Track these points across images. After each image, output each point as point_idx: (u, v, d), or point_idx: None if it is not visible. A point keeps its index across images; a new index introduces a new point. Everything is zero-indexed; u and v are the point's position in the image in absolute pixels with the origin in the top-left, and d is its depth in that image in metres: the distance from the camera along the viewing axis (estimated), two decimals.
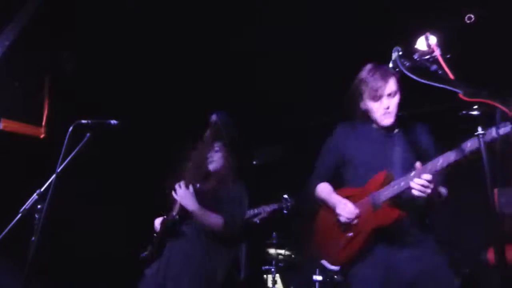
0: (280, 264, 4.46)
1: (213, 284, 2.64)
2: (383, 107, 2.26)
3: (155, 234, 2.81)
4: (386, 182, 2.16)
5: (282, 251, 4.52)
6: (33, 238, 2.08)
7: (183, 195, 2.66)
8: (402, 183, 2.09)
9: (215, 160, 2.85)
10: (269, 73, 4.47)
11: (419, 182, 1.99)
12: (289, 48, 4.12)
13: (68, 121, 2.38)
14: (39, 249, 2.06)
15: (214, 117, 2.87)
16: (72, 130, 2.34)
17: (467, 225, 4.29)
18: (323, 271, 4.17)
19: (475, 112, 1.60)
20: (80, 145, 2.39)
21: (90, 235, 3.90)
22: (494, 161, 1.63)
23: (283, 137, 5.38)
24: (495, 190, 3.33)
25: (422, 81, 1.86)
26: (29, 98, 3.67)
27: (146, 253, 2.82)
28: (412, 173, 2.05)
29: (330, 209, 2.32)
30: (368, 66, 2.34)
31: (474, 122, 1.61)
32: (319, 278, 4.17)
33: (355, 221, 2.21)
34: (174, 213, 2.73)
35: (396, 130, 2.34)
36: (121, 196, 4.30)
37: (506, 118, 1.54)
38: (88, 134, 2.43)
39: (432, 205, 2.16)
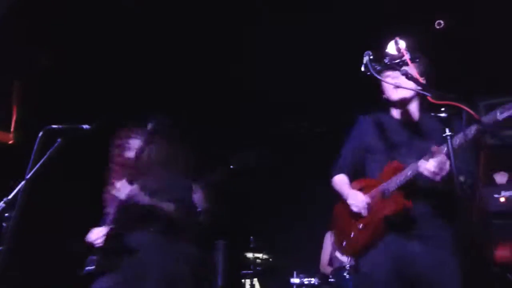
0: (258, 268, 4.46)
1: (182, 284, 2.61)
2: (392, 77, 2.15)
3: (99, 246, 2.59)
4: (397, 171, 2.13)
5: (259, 255, 4.52)
6: (0, 248, 2.01)
7: (128, 192, 2.56)
8: (410, 172, 2.06)
9: (131, 146, 2.79)
10: (247, 78, 4.47)
11: (429, 165, 1.95)
12: (269, 53, 4.13)
13: (38, 126, 2.32)
14: (7, 259, 1.99)
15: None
16: (42, 135, 2.27)
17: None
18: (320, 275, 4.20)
19: (443, 114, 1.64)
20: (50, 150, 2.32)
21: (61, 242, 3.80)
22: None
23: (259, 142, 5.38)
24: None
25: (392, 84, 1.91)
26: None
27: (92, 267, 2.54)
28: (423, 158, 1.99)
29: (345, 201, 2.31)
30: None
31: (443, 123, 1.66)
32: (297, 281, 4.20)
33: (365, 212, 2.20)
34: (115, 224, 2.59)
35: (417, 118, 2.27)
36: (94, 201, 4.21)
37: (472, 120, 1.58)
38: (59, 140, 2.37)
39: (445, 192, 2.02)
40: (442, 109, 1.64)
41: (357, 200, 2.22)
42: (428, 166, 1.95)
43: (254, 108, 4.84)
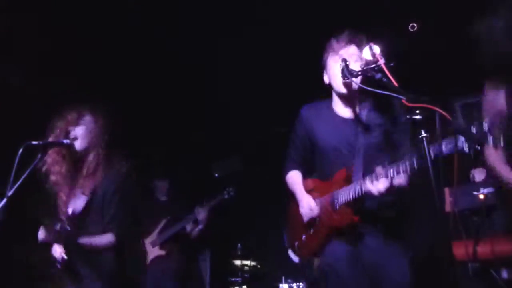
0: (246, 275, 4.47)
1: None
2: (341, 68, 2.11)
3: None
4: (346, 182, 2.19)
5: (247, 262, 4.53)
6: None
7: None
8: (358, 188, 2.10)
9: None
10: (225, 84, 4.49)
11: (374, 188, 2.01)
12: (244, 59, 4.16)
13: (16, 143, 2.30)
14: None
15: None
16: (22, 151, 2.25)
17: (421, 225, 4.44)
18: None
19: (417, 117, 1.69)
20: (32, 166, 2.30)
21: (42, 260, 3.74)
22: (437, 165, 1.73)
23: (240, 148, 5.41)
24: (446, 189, 3.50)
25: (368, 89, 1.96)
26: None
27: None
28: (368, 178, 2.05)
29: (297, 203, 2.39)
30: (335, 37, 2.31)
31: (418, 125, 1.71)
32: (285, 286, 4.22)
33: (316, 219, 2.29)
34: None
35: (363, 109, 2.28)
36: None
37: (445, 121, 1.63)
38: (39, 155, 2.35)
39: (390, 204, 2.18)
40: (417, 111, 1.69)
41: (307, 210, 2.29)
42: (374, 188, 2.01)
43: (230, 115, 4.86)
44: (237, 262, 4.54)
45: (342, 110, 2.33)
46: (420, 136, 1.70)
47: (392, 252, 2.17)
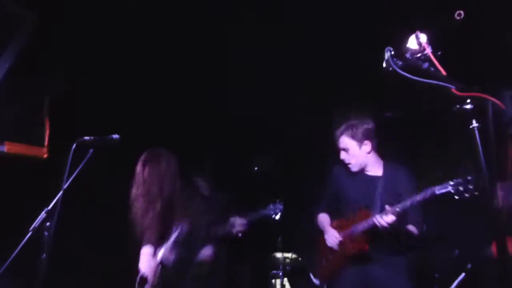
0: (287, 267, 4.48)
1: None
2: (342, 159, 2.89)
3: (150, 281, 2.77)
4: (365, 217, 2.70)
5: (288, 255, 4.55)
6: (44, 255, 2.11)
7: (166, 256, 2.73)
8: (371, 222, 2.62)
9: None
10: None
11: (382, 221, 2.52)
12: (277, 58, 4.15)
13: (68, 140, 2.41)
14: (50, 266, 2.09)
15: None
16: (75, 147, 2.37)
17: (469, 221, 4.32)
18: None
19: (468, 106, 1.64)
20: (84, 161, 2.41)
21: (99, 250, 3.92)
22: (489, 156, 1.68)
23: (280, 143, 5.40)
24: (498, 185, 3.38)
25: (415, 78, 1.92)
26: (30, 120, 3.70)
27: None
28: (379, 214, 2.57)
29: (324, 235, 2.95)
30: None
31: (468, 116, 1.65)
32: None
33: (337, 247, 2.82)
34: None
35: (380, 174, 2.86)
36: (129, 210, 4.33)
37: (499, 111, 1.58)
38: (91, 150, 2.46)
39: (400, 239, 2.70)
40: (468, 101, 1.64)
41: (331, 237, 2.85)
42: (381, 221, 2.54)
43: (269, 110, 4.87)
44: (278, 255, 4.56)
45: (364, 175, 2.90)
46: (471, 127, 1.65)
47: (394, 275, 2.67)
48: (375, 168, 2.89)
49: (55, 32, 3.66)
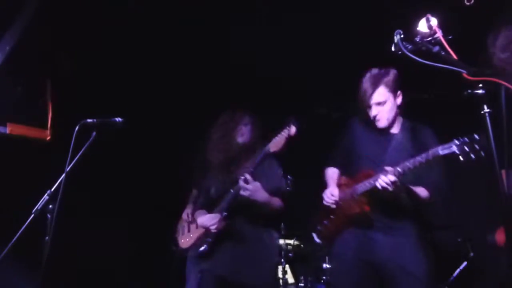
0: (289, 254, 4.48)
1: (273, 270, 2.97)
2: (372, 115, 2.59)
3: (214, 230, 2.79)
4: (366, 178, 2.51)
5: (290, 242, 4.54)
6: (46, 238, 2.11)
7: (254, 189, 2.68)
8: (372, 181, 2.45)
9: (244, 132, 2.93)
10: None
11: (381, 181, 2.34)
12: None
13: (71, 122, 2.40)
14: (53, 248, 2.08)
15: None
16: (78, 129, 2.35)
17: (471, 209, 4.31)
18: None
19: (480, 91, 1.60)
20: (87, 144, 2.40)
21: (103, 232, 3.94)
22: (501, 142, 1.65)
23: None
24: (503, 171, 3.35)
25: (425, 62, 1.87)
26: (33, 101, 3.68)
27: (205, 248, 2.83)
28: (381, 173, 2.38)
29: None
30: (366, 73, 2.64)
31: (479, 101, 1.62)
32: (329, 267, 4.20)
33: (334, 206, 2.63)
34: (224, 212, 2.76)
35: (396, 132, 2.64)
36: (131, 192, 4.34)
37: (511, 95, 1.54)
38: (94, 133, 2.44)
39: (401, 202, 2.49)
40: (480, 85, 1.60)
41: (328, 195, 2.65)
42: (380, 182, 2.36)
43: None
44: (281, 242, 4.55)
45: (380, 130, 2.65)
46: (482, 112, 1.62)
47: (402, 247, 2.43)
48: (395, 125, 2.67)
49: (57, 13, 3.62)
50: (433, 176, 2.47)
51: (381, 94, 2.56)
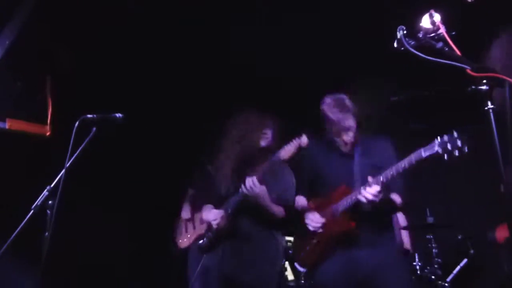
0: (289, 251, 4.47)
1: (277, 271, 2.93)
2: (343, 139, 2.62)
3: (215, 226, 2.80)
4: (344, 195, 2.52)
5: (290, 238, 4.53)
6: (46, 233, 2.10)
7: (258, 192, 2.68)
8: (354, 197, 2.45)
9: (268, 136, 2.91)
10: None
11: (366, 194, 2.34)
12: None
13: (71, 118, 2.38)
14: (52, 244, 2.07)
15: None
16: (78, 125, 2.34)
17: (471, 206, 4.31)
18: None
19: (483, 87, 1.58)
20: (87, 139, 2.39)
21: (102, 228, 3.93)
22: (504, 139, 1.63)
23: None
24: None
25: (429, 58, 1.86)
26: (33, 97, 3.67)
27: (205, 243, 2.85)
28: (362, 187, 2.38)
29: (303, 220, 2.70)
30: (327, 100, 2.68)
31: (483, 97, 1.60)
32: None
33: (320, 230, 2.59)
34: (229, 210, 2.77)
35: (358, 146, 2.66)
36: (131, 188, 4.33)
37: None
38: (94, 129, 2.43)
39: (383, 212, 2.53)
40: (483, 81, 1.58)
41: (313, 220, 2.60)
42: (366, 194, 2.35)
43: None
44: None
45: (342, 144, 2.67)
46: (486, 108, 1.60)
47: (390, 263, 2.46)
48: (350, 143, 2.70)
49: (57, 8, 3.60)
50: (400, 182, 2.55)
51: (351, 120, 2.62)
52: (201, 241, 2.85)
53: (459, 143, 2.06)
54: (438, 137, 2.15)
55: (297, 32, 4.09)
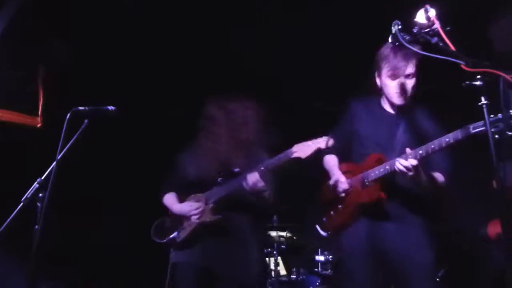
0: (282, 246, 4.48)
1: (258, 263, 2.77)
2: (400, 86, 2.36)
3: (195, 219, 2.63)
4: (378, 163, 2.34)
5: (283, 234, 4.54)
6: (36, 227, 2.08)
7: (260, 189, 2.54)
8: (388, 167, 2.27)
9: (249, 128, 2.73)
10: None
11: (401, 165, 2.16)
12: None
13: (63, 109, 2.35)
14: (43, 237, 2.05)
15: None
16: (69, 117, 2.31)
17: (464, 202, 4.34)
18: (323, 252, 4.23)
19: (478, 82, 1.59)
20: (79, 132, 2.36)
21: (93, 221, 3.92)
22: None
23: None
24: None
25: (423, 53, 1.86)
26: (24, 88, 3.63)
27: (177, 236, 2.67)
28: (399, 158, 2.20)
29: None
30: (390, 46, 2.36)
31: (478, 92, 1.60)
32: (321, 258, 4.21)
33: (343, 195, 2.43)
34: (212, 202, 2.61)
35: (403, 114, 2.44)
36: (122, 180, 4.30)
37: (510, 86, 1.53)
38: (86, 121, 2.40)
39: (418, 188, 2.31)
40: (478, 77, 1.59)
41: (338, 182, 2.43)
42: (400, 167, 2.17)
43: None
44: (273, 234, 4.55)
45: (390, 109, 2.48)
46: (480, 104, 1.61)
47: (413, 238, 2.30)
48: (406, 108, 2.47)
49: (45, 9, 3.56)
50: (446, 161, 2.36)
51: (414, 66, 2.36)
52: (172, 235, 2.66)
53: None
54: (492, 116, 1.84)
55: (291, 29, 4.08)
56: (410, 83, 2.37)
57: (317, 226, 2.58)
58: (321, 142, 2.38)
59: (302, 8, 3.89)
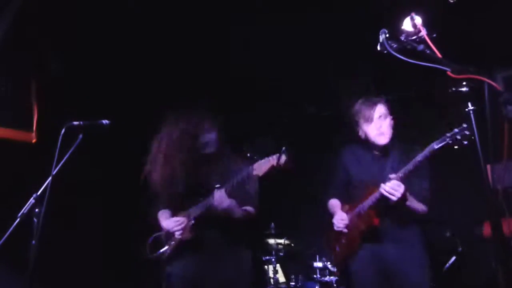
0: (280, 253, 4.49)
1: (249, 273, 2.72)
2: (377, 128, 2.69)
3: (178, 236, 2.63)
4: (371, 194, 2.63)
5: (281, 241, 4.55)
6: (33, 242, 2.08)
7: (228, 207, 2.50)
8: (377, 194, 2.56)
9: (210, 144, 2.67)
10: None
11: (387, 188, 2.46)
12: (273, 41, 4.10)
13: (57, 124, 2.37)
14: (39, 252, 2.06)
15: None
16: (64, 132, 2.33)
17: (458, 203, 4.36)
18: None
19: (464, 89, 1.62)
20: (74, 146, 2.38)
21: (89, 235, 3.90)
22: (486, 138, 1.66)
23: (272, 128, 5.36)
24: (488, 166, 3.39)
25: (410, 61, 1.89)
26: (18, 103, 3.63)
27: (166, 251, 2.67)
28: (382, 184, 2.50)
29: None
30: (359, 100, 2.81)
31: (464, 98, 1.64)
32: (320, 265, 4.22)
33: (345, 230, 2.73)
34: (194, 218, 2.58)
35: (391, 152, 2.75)
36: (118, 194, 4.29)
37: (494, 92, 1.56)
38: (80, 135, 2.42)
39: (404, 207, 2.57)
40: (464, 83, 1.62)
41: (338, 220, 2.76)
42: (386, 188, 2.47)
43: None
44: (271, 241, 4.56)
45: (376, 151, 2.78)
46: (467, 109, 1.64)
47: (413, 256, 2.58)
48: (390, 145, 2.77)
49: (44, 12, 3.57)
50: (424, 184, 2.65)
51: (382, 108, 2.73)
52: (163, 250, 2.66)
53: (467, 133, 2.28)
54: (449, 131, 2.36)
55: (287, 33, 4.11)
56: (384, 123, 2.70)
57: (328, 263, 3.08)
58: (273, 160, 2.42)
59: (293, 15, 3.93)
